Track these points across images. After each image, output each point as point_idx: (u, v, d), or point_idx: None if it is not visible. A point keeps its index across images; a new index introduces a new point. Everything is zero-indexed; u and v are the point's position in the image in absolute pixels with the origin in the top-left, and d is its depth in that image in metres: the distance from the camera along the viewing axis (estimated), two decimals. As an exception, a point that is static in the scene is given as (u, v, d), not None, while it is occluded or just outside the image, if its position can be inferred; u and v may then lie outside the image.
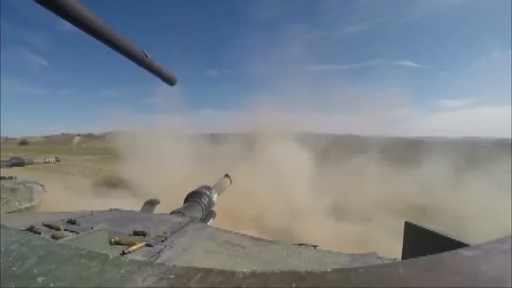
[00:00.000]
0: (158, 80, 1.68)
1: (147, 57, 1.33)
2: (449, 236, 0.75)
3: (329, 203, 11.08)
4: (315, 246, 1.49)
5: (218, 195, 3.08)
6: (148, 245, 1.30)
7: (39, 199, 6.74)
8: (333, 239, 7.95)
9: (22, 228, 1.29)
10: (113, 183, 15.14)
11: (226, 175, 4.03)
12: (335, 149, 17.65)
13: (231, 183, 4.01)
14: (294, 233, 8.54)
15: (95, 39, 1.11)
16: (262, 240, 1.52)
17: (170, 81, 1.67)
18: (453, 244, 0.71)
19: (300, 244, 1.52)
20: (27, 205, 6.18)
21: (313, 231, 8.62)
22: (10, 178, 6.75)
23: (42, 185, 7.34)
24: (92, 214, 1.90)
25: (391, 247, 1.53)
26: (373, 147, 18.15)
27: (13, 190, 6.10)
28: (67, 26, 0.98)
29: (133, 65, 1.39)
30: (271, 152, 13.81)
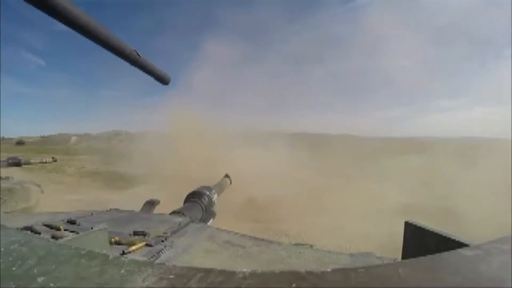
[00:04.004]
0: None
1: (139, 56, 1.33)
2: (449, 236, 0.76)
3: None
4: (311, 246, 1.49)
5: (218, 195, 3.09)
6: (148, 245, 1.30)
7: (36, 200, 6.71)
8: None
9: (22, 228, 1.29)
10: (110, 183, 15.20)
11: (226, 176, 4.03)
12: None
13: (231, 183, 4.01)
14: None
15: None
16: (262, 240, 1.53)
17: (164, 81, 1.67)
18: (453, 244, 0.71)
19: (298, 244, 1.52)
20: (24, 205, 6.14)
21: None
22: (7, 178, 6.71)
23: (39, 185, 7.31)
24: (92, 214, 1.90)
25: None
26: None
27: (10, 190, 6.06)
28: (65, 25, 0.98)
29: (130, 65, 1.39)
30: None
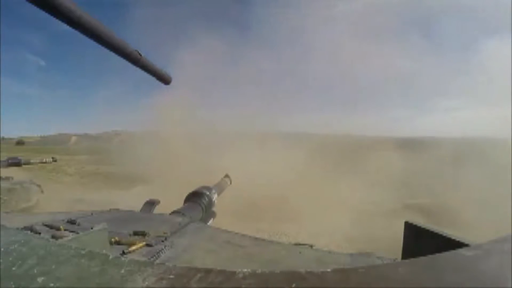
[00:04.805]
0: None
1: (141, 56, 1.33)
2: (449, 236, 0.76)
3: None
4: (311, 246, 1.49)
5: (218, 195, 3.08)
6: (148, 245, 1.30)
7: (36, 200, 6.72)
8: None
9: (22, 228, 1.29)
10: (110, 183, 15.27)
11: (226, 176, 4.02)
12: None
13: (231, 183, 4.00)
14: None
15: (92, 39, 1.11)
16: (262, 240, 1.53)
17: (165, 80, 1.67)
18: (453, 244, 0.71)
19: (298, 244, 1.52)
20: (24, 205, 6.15)
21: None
22: (7, 178, 6.72)
23: (39, 186, 7.32)
24: (92, 214, 1.90)
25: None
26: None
27: (10, 190, 6.07)
28: (66, 25, 0.98)
29: (130, 65, 1.39)
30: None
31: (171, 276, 0.44)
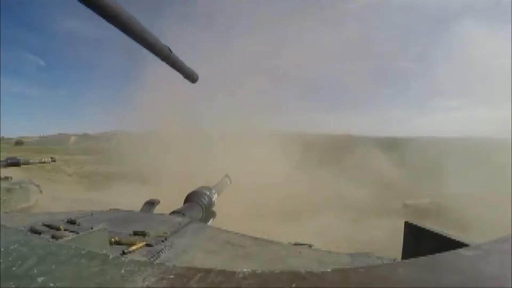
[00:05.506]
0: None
1: (171, 53, 1.33)
2: (449, 236, 0.76)
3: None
4: (310, 245, 1.49)
5: (218, 195, 3.08)
6: (148, 245, 1.30)
7: (35, 200, 6.72)
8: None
9: (22, 228, 1.28)
10: (109, 182, 15.30)
11: (226, 176, 4.02)
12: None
13: (231, 183, 4.00)
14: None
15: (95, 39, 1.12)
16: (262, 240, 1.52)
17: (192, 78, 1.67)
18: (453, 244, 0.71)
19: (298, 244, 1.52)
20: (23, 205, 6.15)
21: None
22: (6, 178, 6.71)
23: (38, 186, 7.32)
24: (92, 214, 1.89)
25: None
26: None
27: (9, 190, 6.06)
28: (65, 25, 0.99)
29: (129, 66, 1.39)
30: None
31: (171, 276, 0.44)
